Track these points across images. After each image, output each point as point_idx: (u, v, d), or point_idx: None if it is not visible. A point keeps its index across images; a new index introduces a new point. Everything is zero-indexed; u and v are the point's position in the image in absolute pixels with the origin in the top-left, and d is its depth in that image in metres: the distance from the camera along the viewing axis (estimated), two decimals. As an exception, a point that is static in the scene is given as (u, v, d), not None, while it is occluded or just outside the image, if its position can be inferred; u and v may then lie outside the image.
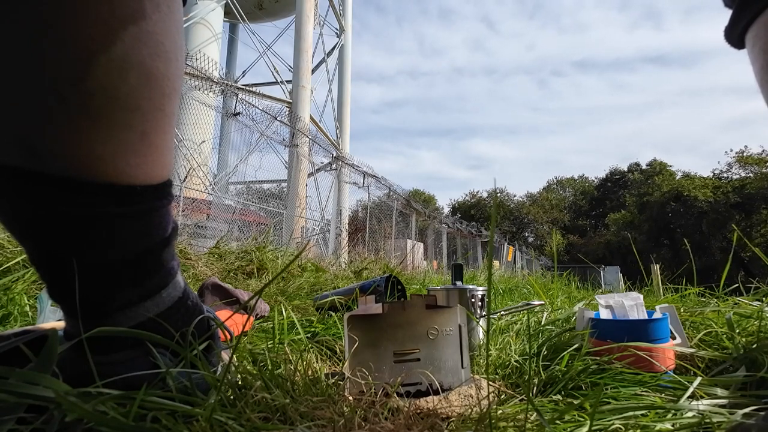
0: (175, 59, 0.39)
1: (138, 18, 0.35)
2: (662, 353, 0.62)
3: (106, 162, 0.36)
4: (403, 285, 1.43)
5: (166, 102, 0.39)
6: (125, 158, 0.37)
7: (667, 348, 0.63)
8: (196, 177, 5.86)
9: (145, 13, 0.35)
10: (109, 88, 0.35)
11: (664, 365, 0.61)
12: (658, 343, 0.63)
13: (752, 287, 0.97)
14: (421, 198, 25.78)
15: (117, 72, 0.34)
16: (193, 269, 1.93)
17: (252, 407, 0.39)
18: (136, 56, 0.35)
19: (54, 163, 0.35)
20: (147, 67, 0.36)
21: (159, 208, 0.42)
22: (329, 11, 11.28)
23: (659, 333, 0.64)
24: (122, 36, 0.34)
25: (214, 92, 5.92)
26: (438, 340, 0.58)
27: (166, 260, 0.44)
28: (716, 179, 24.65)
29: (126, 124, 0.36)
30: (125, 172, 0.38)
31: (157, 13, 0.36)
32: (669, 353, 0.63)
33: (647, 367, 0.60)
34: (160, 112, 0.39)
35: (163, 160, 0.41)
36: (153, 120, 0.38)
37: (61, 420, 0.31)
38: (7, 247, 1.22)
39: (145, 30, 0.35)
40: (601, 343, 0.66)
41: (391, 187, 9.25)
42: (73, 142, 0.35)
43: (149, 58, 0.36)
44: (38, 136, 0.34)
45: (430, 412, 0.45)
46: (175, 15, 0.39)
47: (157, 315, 0.42)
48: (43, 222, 0.37)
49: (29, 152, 0.35)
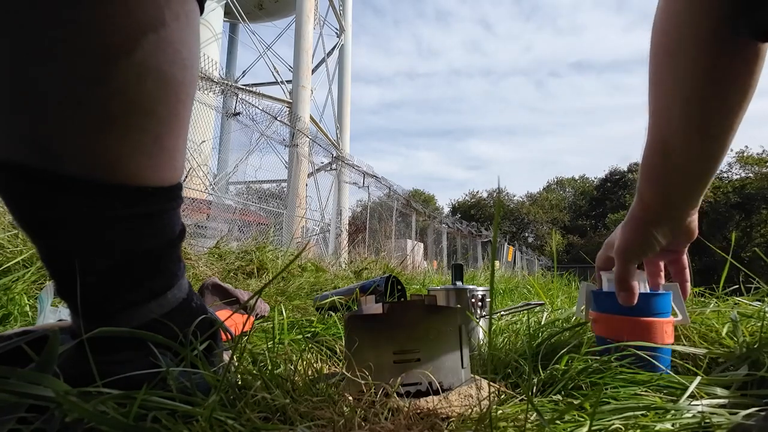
0: (191, 66, 0.41)
1: (158, 26, 0.36)
2: (661, 327, 0.61)
3: (119, 163, 0.37)
4: (403, 285, 1.43)
5: (180, 107, 0.40)
6: (139, 160, 0.38)
7: (666, 322, 0.62)
8: (196, 177, 5.86)
9: (165, 22, 0.36)
10: (127, 92, 0.36)
11: (662, 341, 0.60)
12: (658, 317, 0.62)
13: (752, 287, 0.97)
14: (421, 198, 25.78)
15: (135, 77, 0.36)
16: (193, 269, 1.94)
17: (252, 407, 0.40)
18: (154, 63, 0.36)
19: (67, 164, 0.36)
20: (164, 74, 0.37)
21: (169, 210, 0.43)
22: (329, 11, 11.29)
23: (660, 308, 0.63)
24: (142, 43, 0.35)
25: (214, 92, 5.92)
26: (438, 340, 0.58)
27: (173, 262, 0.45)
28: (716, 179, 24.65)
29: (141, 127, 0.38)
30: (137, 174, 0.39)
31: (176, 23, 0.37)
32: (668, 328, 0.62)
33: (645, 338, 0.59)
34: (174, 117, 0.40)
35: (174, 163, 0.42)
36: (167, 124, 0.39)
37: (61, 420, 0.31)
38: (7, 247, 1.22)
39: (164, 38, 0.37)
40: (602, 315, 0.65)
41: (391, 187, 9.25)
42: (87, 144, 0.36)
43: (166, 65, 0.37)
44: (53, 137, 0.35)
45: (430, 412, 0.45)
46: (193, 24, 0.40)
47: (162, 316, 0.43)
48: (54, 222, 0.37)
49: (43, 152, 0.35)
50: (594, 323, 0.68)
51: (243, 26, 10.35)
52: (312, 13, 8.71)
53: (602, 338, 0.65)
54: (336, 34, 11.69)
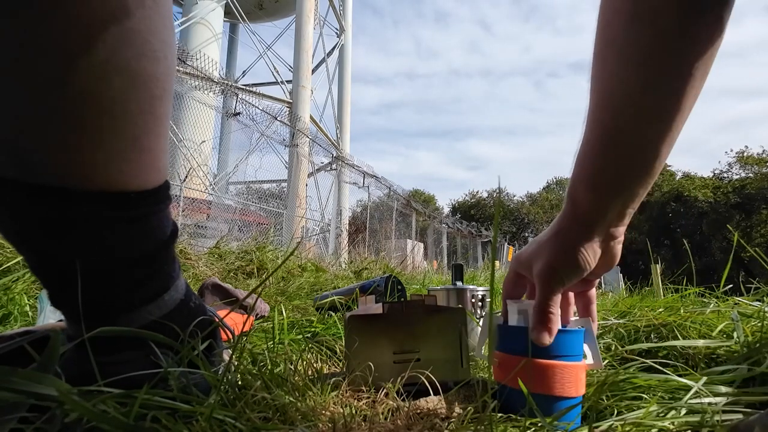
0: (164, 58, 0.37)
1: (120, 16, 0.32)
2: (572, 374, 0.46)
3: (96, 170, 0.35)
4: (403, 285, 1.43)
5: (156, 104, 0.37)
6: (117, 165, 0.36)
7: (579, 367, 0.47)
8: (196, 177, 5.87)
9: (128, 10, 0.33)
10: (93, 93, 0.33)
11: (571, 391, 0.45)
12: (570, 360, 0.47)
13: (752, 287, 0.97)
14: (421, 198, 25.77)
15: (100, 76, 0.33)
16: (193, 269, 1.94)
17: (252, 407, 0.40)
18: (120, 58, 0.33)
19: (43, 174, 0.34)
20: (133, 69, 0.34)
21: (156, 212, 0.41)
22: (329, 11, 11.29)
23: (569, 349, 0.47)
24: (104, 37, 0.32)
25: (214, 92, 5.93)
26: (438, 340, 0.58)
27: (167, 263, 0.44)
28: (716, 179, 24.66)
29: (114, 130, 0.35)
30: (118, 179, 0.36)
31: (141, 10, 0.34)
32: (581, 374, 0.47)
33: (551, 390, 0.45)
34: (150, 116, 0.37)
35: (157, 164, 0.40)
36: (143, 124, 0.37)
37: (62, 419, 0.31)
38: (7, 247, 1.23)
39: (129, 29, 0.33)
40: (504, 357, 0.49)
41: (391, 187, 9.25)
42: (60, 152, 0.34)
43: (135, 60, 0.34)
44: (25, 147, 0.33)
45: (430, 412, 0.45)
46: (162, 10, 0.36)
47: (160, 318, 0.42)
48: (39, 233, 0.36)
49: (15, 162, 0.34)
50: (497, 368, 0.51)
51: (243, 26, 10.36)
52: (312, 13, 8.71)
53: (507, 388, 0.48)
54: (336, 34, 11.70)
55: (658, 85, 0.40)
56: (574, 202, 0.46)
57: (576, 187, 0.46)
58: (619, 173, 0.44)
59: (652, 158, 0.43)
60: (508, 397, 0.48)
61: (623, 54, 0.40)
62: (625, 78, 0.41)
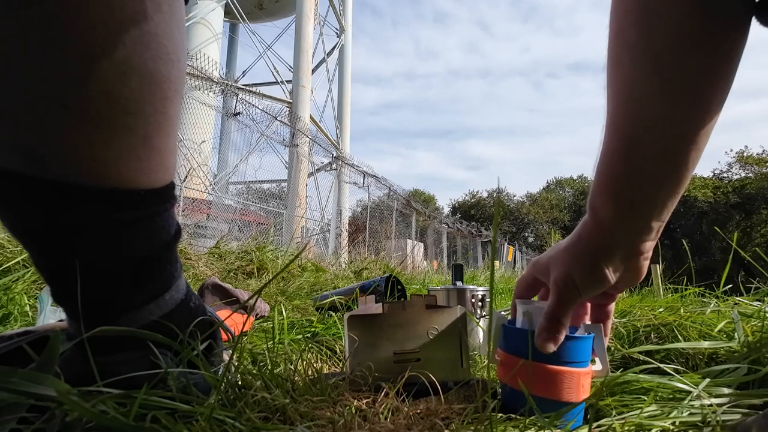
0: (177, 61, 0.39)
1: (139, 20, 0.34)
2: (578, 380, 0.45)
3: (108, 167, 0.36)
4: (403, 285, 1.43)
5: (168, 105, 0.39)
6: (128, 163, 0.37)
7: (584, 373, 0.46)
8: (196, 177, 5.87)
9: (147, 14, 0.34)
10: (111, 92, 0.34)
11: (575, 396, 0.45)
12: (575, 367, 0.46)
13: (752, 287, 0.97)
14: (421, 198, 25.78)
15: (119, 76, 0.34)
16: (193, 269, 1.94)
17: (252, 407, 0.40)
18: (137, 59, 0.35)
19: (55, 169, 0.35)
20: (149, 70, 0.36)
21: (162, 212, 0.42)
22: (329, 11, 11.29)
23: (577, 355, 0.46)
24: (123, 39, 0.33)
25: (214, 92, 5.93)
26: (438, 340, 0.58)
27: (170, 263, 0.44)
28: (716, 179, 24.66)
29: (128, 128, 0.36)
30: (128, 176, 0.37)
31: (158, 14, 0.35)
32: (585, 380, 0.46)
33: (553, 394, 0.44)
34: (162, 116, 0.38)
35: (166, 163, 0.41)
36: (155, 123, 0.38)
37: (62, 419, 0.31)
38: (7, 247, 1.23)
39: (147, 32, 0.35)
40: (507, 357, 0.49)
41: (391, 187, 9.25)
42: (74, 148, 0.35)
43: (151, 61, 0.36)
44: (39, 142, 0.34)
45: (430, 412, 0.45)
46: (177, 15, 0.38)
47: (161, 318, 0.42)
48: (46, 228, 0.36)
49: (30, 158, 0.34)
50: (500, 366, 0.51)
51: (243, 26, 10.36)
52: (312, 13, 8.71)
53: (508, 387, 0.49)
54: (336, 34, 11.70)
55: (675, 87, 0.38)
56: (595, 213, 0.44)
57: (596, 199, 0.44)
58: (641, 183, 0.41)
59: (677, 166, 0.40)
60: (509, 395, 0.48)
61: (637, 51, 0.39)
62: (641, 78, 0.39)
